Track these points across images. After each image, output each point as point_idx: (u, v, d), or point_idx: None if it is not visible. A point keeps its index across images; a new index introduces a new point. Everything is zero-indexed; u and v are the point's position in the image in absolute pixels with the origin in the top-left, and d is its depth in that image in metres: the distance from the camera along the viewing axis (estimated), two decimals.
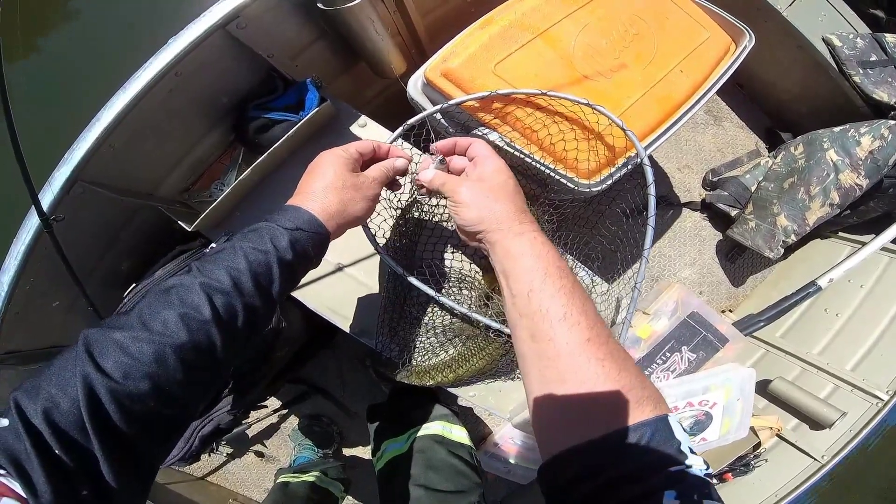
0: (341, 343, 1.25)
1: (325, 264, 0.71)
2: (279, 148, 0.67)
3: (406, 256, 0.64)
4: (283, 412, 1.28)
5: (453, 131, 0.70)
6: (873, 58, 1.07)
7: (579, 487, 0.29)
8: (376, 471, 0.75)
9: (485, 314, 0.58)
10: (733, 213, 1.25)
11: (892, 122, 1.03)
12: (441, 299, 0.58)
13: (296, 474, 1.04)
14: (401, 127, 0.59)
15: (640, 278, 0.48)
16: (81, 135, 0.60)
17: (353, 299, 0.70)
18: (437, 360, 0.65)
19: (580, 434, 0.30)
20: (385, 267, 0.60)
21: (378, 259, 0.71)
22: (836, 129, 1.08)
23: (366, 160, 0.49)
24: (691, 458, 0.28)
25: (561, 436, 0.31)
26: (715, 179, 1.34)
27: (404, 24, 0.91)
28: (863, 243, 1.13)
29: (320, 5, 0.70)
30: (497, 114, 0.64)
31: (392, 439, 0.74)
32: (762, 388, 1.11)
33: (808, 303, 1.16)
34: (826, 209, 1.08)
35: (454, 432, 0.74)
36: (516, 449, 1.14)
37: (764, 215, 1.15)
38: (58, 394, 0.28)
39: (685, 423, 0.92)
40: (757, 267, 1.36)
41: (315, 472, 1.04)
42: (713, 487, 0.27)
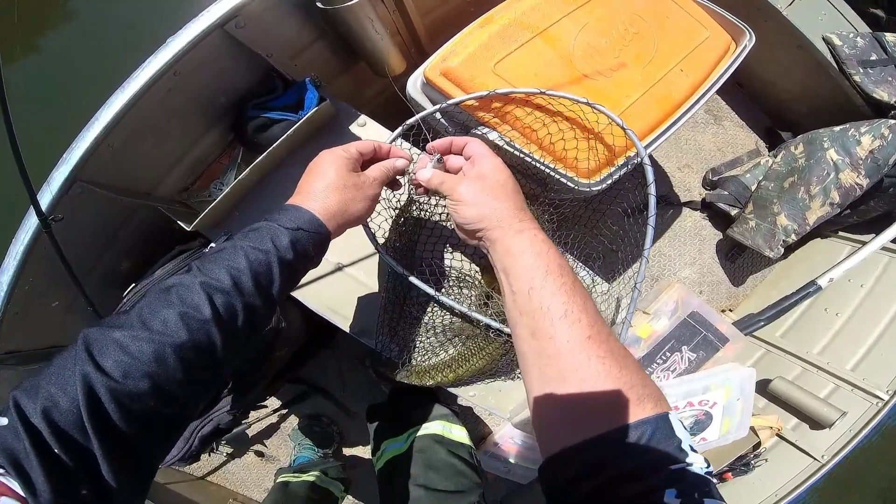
0: (341, 343, 1.25)
1: (325, 264, 0.71)
2: (278, 147, 0.67)
3: (406, 256, 0.64)
4: (283, 412, 1.28)
5: (453, 131, 0.69)
6: (873, 57, 1.07)
7: (580, 486, 0.28)
8: (376, 470, 0.74)
9: (485, 314, 0.58)
10: (733, 212, 1.25)
11: (893, 121, 1.03)
12: (441, 299, 0.58)
13: (296, 474, 1.04)
14: (400, 127, 0.59)
15: (640, 278, 0.48)
16: (80, 134, 0.60)
17: (353, 299, 0.70)
18: (437, 359, 0.65)
19: (580, 432, 0.30)
20: (385, 266, 0.60)
21: (378, 259, 0.71)
22: (837, 128, 1.08)
23: (366, 160, 0.49)
24: (692, 456, 0.28)
25: (561, 434, 0.31)
26: (715, 179, 1.34)
27: (404, 23, 0.91)
28: (863, 243, 1.13)
29: (319, 4, 0.70)
30: (497, 113, 0.64)
31: (392, 439, 0.74)
32: (762, 387, 1.11)
33: (809, 302, 1.16)
34: (826, 208, 1.08)
35: (454, 432, 0.74)
36: (516, 448, 1.14)
37: (764, 215, 1.15)
38: (57, 393, 0.28)
39: (685, 422, 0.92)
40: (757, 266, 1.36)
41: (315, 472, 1.04)
42: (714, 485, 0.27)
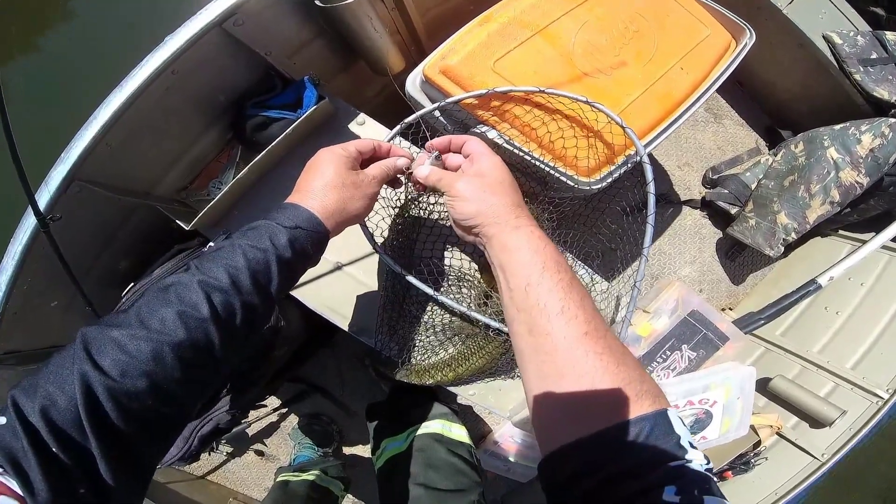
0: (340, 342, 1.25)
1: (325, 263, 0.71)
2: (277, 146, 0.67)
3: (405, 255, 0.64)
4: (283, 411, 1.28)
5: (452, 129, 0.69)
6: (874, 55, 1.07)
7: (579, 483, 0.28)
8: (376, 469, 0.74)
9: (484, 313, 0.58)
10: (733, 210, 1.25)
11: (893, 119, 1.03)
12: (440, 298, 0.58)
13: (296, 473, 1.04)
14: (398, 125, 0.59)
15: (639, 276, 0.48)
16: (78, 134, 0.60)
17: (352, 298, 0.70)
18: (437, 358, 0.64)
19: (579, 429, 0.30)
20: (384, 265, 0.60)
21: (377, 257, 0.71)
22: (837, 126, 1.08)
23: (365, 158, 0.49)
24: (691, 453, 0.28)
25: (560, 431, 0.31)
26: (715, 177, 1.33)
27: (403, 21, 0.90)
28: (863, 241, 1.13)
29: (318, 2, 0.70)
30: (496, 111, 0.64)
31: (391, 438, 0.74)
32: (762, 386, 1.11)
33: (809, 301, 1.16)
34: (826, 207, 1.08)
35: (453, 431, 0.74)
36: (516, 447, 1.14)
37: (764, 213, 1.15)
38: (55, 392, 0.28)
39: (686, 421, 0.92)
40: (757, 265, 1.36)
41: (315, 471, 1.04)
42: (714, 482, 0.27)
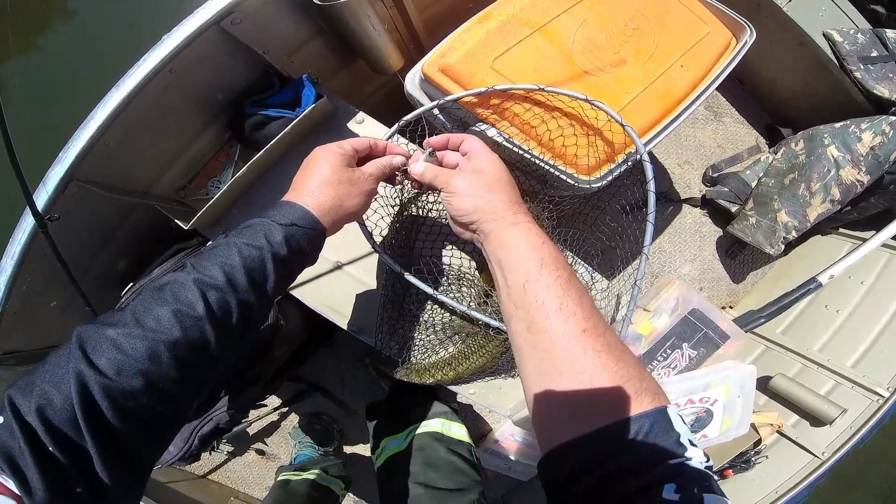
0: (340, 341, 1.25)
1: (324, 262, 0.71)
2: (276, 145, 0.67)
3: (404, 254, 0.64)
4: (284, 410, 1.28)
5: (451, 127, 0.69)
6: (874, 53, 1.06)
7: (578, 481, 0.28)
8: (375, 468, 0.74)
9: (484, 312, 0.58)
10: (733, 209, 1.25)
11: (894, 118, 1.02)
12: (440, 297, 0.58)
13: (296, 472, 1.04)
14: (397, 123, 0.59)
15: (640, 275, 0.48)
16: (75, 133, 0.60)
17: (352, 297, 0.70)
18: (437, 357, 0.64)
19: (578, 427, 0.30)
20: (384, 264, 0.60)
21: (377, 257, 0.71)
22: (837, 124, 1.08)
23: (361, 156, 0.49)
24: (691, 451, 0.28)
25: (559, 429, 0.31)
26: (715, 175, 1.33)
27: (401, 19, 0.90)
28: (863, 240, 1.13)
29: (316, 1, 0.70)
30: (495, 109, 0.63)
31: (391, 437, 0.74)
32: (763, 384, 1.11)
33: (809, 299, 1.15)
34: (827, 205, 1.08)
35: (453, 430, 0.74)
36: (517, 446, 1.14)
37: (764, 211, 1.15)
38: (51, 391, 0.28)
39: (686, 420, 0.92)
40: (757, 263, 1.36)
41: (316, 470, 1.04)
42: (714, 480, 0.26)
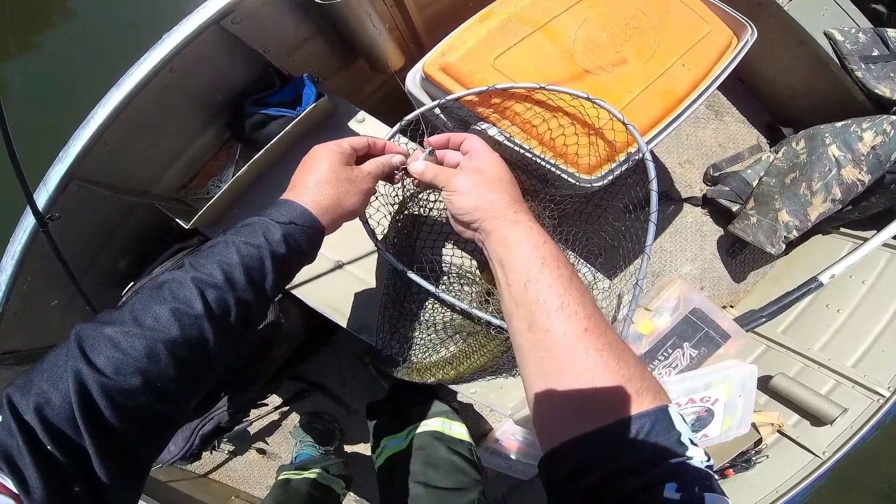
0: (341, 340, 1.25)
1: (325, 261, 0.71)
2: (276, 144, 0.67)
3: (405, 253, 0.64)
4: (284, 409, 1.28)
5: (452, 126, 0.69)
6: (875, 53, 1.06)
7: (579, 481, 0.28)
8: (376, 468, 0.74)
9: (485, 311, 0.58)
10: (734, 208, 1.25)
11: (895, 117, 1.02)
12: (441, 296, 0.57)
13: (297, 471, 1.04)
14: (398, 123, 0.59)
15: (641, 274, 0.48)
16: (76, 133, 0.59)
17: (353, 296, 0.70)
18: (438, 356, 0.64)
19: (579, 426, 0.30)
20: (385, 263, 0.60)
21: (377, 256, 0.71)
22: (838, 124, 1.07)
23: (360, 155, 0.49)
24: (692, 450, 0.28)
25: (560, 428, 0.31)
26: (716, 174, 1.33)
27: (402, 18, 0.90)
28: (864, 239, 1.12)
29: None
30: (496, 108, 0.63)
31: (391, 436, 0.74)
32: (763, 384, 1.11)
33: (810, 299, 1.15)
34: (828, 205, 1.08)
35: (454, 429, 0.73)
36: (517, 445, 1.13)
37: (765, 211, 1.15)
38: (49, 389, 0.28)
39: (687, 419, 0.92)
40: (758, 263, 1.35)
41: (316, 469, 1.04)
42: (715, 479, 0.26)
